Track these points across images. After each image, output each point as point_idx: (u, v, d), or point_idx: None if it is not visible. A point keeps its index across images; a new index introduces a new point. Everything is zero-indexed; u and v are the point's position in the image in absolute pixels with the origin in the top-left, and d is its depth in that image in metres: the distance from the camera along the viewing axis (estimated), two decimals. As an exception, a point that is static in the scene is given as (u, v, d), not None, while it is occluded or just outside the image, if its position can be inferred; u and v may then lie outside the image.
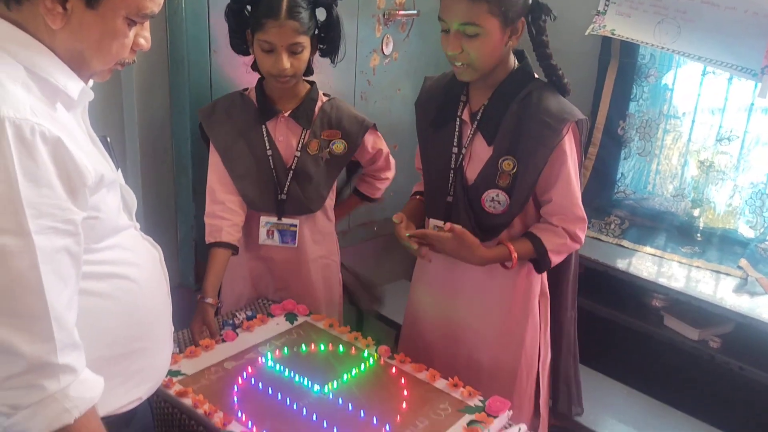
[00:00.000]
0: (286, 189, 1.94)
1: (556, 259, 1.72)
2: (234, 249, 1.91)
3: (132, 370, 1.19)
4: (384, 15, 2.52)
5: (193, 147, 2.11)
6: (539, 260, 1.72)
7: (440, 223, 1.74)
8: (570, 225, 1.69)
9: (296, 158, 1.93)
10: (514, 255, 1.68)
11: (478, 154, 1.70)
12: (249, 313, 1.93)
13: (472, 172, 1.71)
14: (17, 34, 0.98)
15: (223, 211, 1.91)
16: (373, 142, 2.04)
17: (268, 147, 1.91)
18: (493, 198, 1.68)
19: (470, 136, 1.70)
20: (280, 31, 1.74)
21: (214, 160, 1.94)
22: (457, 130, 1.71)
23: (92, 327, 1.06)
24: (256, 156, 1.92)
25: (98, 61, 1.05)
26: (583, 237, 1.73)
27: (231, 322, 1.86)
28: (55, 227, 0.95)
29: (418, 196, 1.93)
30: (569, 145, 1.64)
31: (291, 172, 1.93)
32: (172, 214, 2.23)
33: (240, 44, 1.87)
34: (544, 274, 1.84)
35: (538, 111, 1.62)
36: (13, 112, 0.91)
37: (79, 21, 0.98)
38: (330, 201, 2.06)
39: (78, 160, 0.98)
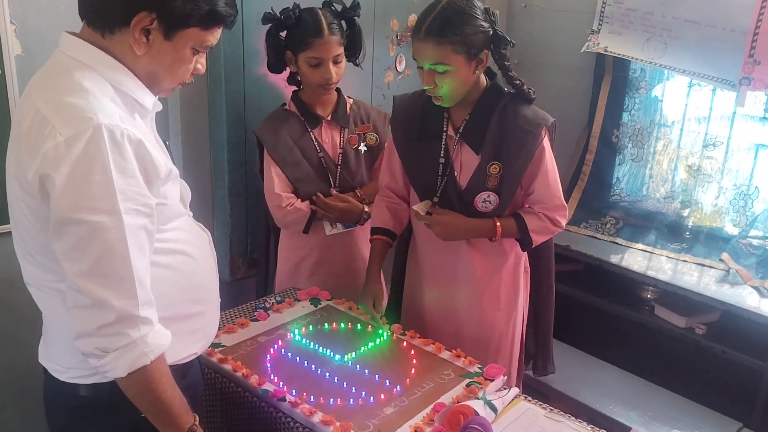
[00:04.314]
0: (337, 182, 2.24)
1: (537, 239, 1.96)
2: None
3: (190, 329, 1.43)
4: (397, 36, 2.80)
5: (228, 154, 2.39)
6: (523, 239, 1.96)
7: (422, 207, 1.99)
8: (550, 212, 1.94)
9: (341, 154, 2.23)
10: (498, 224, 1.92)
11: (467, 162, 1.93)
12: (278, 298, 2.18)
13: (463, 179, 1.94)
14: (107, 59, 1.23)
15: (290, 200, 2.19)
16: None
17: (318, 150, 2.21)
18: (484, 199, 1.92)
19: (456, 147, 1.93)
20: (326, 47, 2.05)
21: (271, 170, 2.18)
22: (443, 143, 1.94)
23: (160, 293, 1.28)
24: (310, 160, 2.20)
25: (168, 81, 1.31)
26: (563, 222, 1.97)
27: (263, 305, 2.12)
28: (138, 209, 1.19)
29: (382, 237, 2.08)
30: (546, 145, 1.90)
31: (339, 167, 2.23)
32: (210, 213, 2.50)
33: (277, 64, 2.16)
34: (526, 254, 2.09)
35: (516, 120, 1.87)
36: (108, 119, 1.15)
37: (158, 49, 1.23)
38: None
39: (154, 158, 1.23)
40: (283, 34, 2.12)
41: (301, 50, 2.07)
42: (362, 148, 2.27)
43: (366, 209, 2.24)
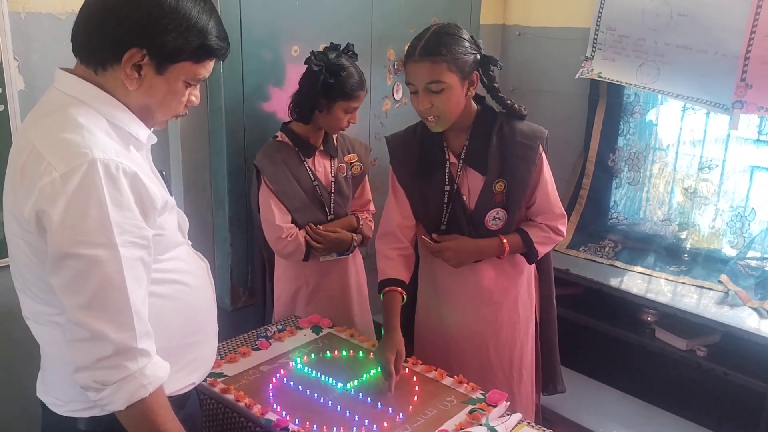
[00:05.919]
0: (332, 209, 2.29)
1: (542, 250, 2.01)
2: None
3: (188, 359, 1.43)
4: (394, 65, 2.84)
5: (229, 184, 2.41)
6: (528, 252, 2.00)
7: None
8: (552, 221, 2.00)
9: (333, 182, 2.29)
10: (505, 241, 1.96)
11: (473, 185, 1.98)
12: (279, 326, 2.19)
13: (471, 202, 1.98)
14: (100, 94, 1.25)
15: (291, 231, 2.21)
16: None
17: (313, 179, 2.26)
18: (494, 216, 1.96)
19: (460, 172, 1.98)
20: (363, 97, 2.21)
21: (270, 202, 2.20)
22: (447, 171, 1.98)
23: (158, 323, 1.28)
24: (306, 189, 2.25)
25: (161, 114, 1.32)
26: (564, 230, 2.02)
27: (264, 333, 2.12)
28: (134, 242, 1.20)
29: (397, 289, 1.99)
30: (543, 156, 1.97)
31: (332, 195, 2.29)
32: (210, 242, 2.51)
33: (312, 109, 2.17)
34: (533, 275, 2.12)
35: (514, 136, 1.94)
36: (102, 154, 1.16)
37: (150, 84, 1.25)
38: None
39: (150, 190, 1.23)
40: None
41: (343, 99, 2.15)
42: (349, 177, 2.34)
43: (355, 237, 2.31)
